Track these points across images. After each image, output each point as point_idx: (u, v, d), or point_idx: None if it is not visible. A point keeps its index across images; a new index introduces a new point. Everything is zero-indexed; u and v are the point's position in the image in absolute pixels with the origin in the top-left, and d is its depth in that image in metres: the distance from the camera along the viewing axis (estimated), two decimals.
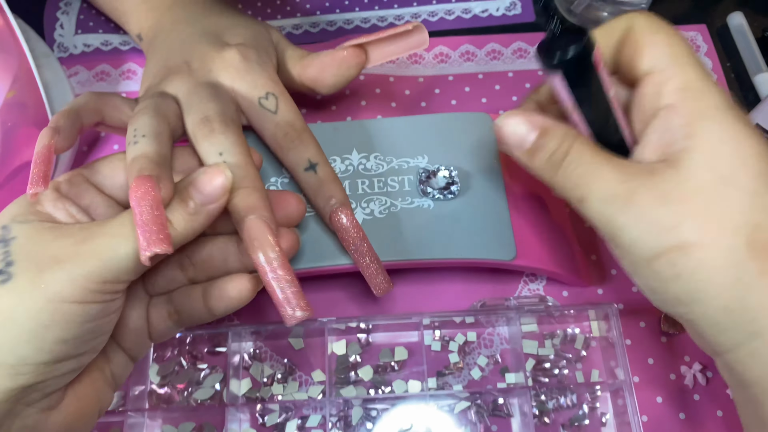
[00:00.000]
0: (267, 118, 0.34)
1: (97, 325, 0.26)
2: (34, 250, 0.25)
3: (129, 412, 0.36)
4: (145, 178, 0.26)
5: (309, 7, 0.52)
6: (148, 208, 0.25)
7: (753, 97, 0.48)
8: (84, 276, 0.24)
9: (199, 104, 0.32)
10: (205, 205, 0.28)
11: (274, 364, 0.39)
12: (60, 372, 0.25)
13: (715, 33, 0.50)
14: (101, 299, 0.25)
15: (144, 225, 0.25)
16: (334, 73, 0.37)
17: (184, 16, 0.38)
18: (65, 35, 0.50)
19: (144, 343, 0.31)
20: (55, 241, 0.25)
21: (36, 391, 0.25)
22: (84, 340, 0.26)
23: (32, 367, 0.24)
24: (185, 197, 0.27)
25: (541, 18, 0.29)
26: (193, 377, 0.38)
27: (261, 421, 0.37)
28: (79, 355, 0.26)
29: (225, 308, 0.30)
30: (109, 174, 0.30)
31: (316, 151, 0.34)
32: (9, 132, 0.38)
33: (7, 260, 0.25)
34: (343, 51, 0.37)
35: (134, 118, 0.30)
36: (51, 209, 0.28)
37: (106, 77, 0.48)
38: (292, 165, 0.34)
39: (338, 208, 0.33)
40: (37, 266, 0.24)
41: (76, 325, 0.25)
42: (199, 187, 0.28)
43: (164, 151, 0.29)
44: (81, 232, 0.26)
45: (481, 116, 0.39)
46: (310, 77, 0.38)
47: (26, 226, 0.26)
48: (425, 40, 0.37)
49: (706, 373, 0.39)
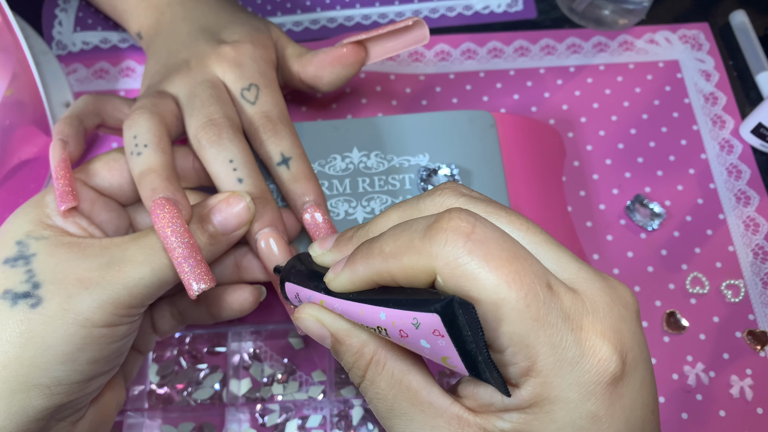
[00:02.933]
0: (245, 108, 0.33)
1: (123, 343, 0.27)
2: (58, 270, 0.25)
3: (128, 412, 0.36)
4: (166, 202, 0.27)
5: (309, 4, 0.51)
6: (179, 240, 0.26)
7: (755, 95, 0.48)
8: (112, 303, 0.25)
9: (201, 106, 0.32)
10: (226, 235, 0.28)
11: (274, 364, 0.39)
12: (91, 389, 0.26)
13: (717, 31, 0.50)
14: (127, 321, 0.26)
15: (184, 261, 0.26)
16: (333, 70, 0.37)
17: (183, 14, 0.38)
18: (64, 33, 0.50)
19: (151, 339, 0.32)
20: (78, 261, 0.26)
21: (68, 408, 0.26)
22: (112, 357, 0.26)
23: (66, 387, 0.25)
24: (206, 225, 0.28)
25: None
26: (193, 377, 0.38)
27: (261, 421, 0.37)
28: (108, 371, 0.27)
29: (227, 316, 0.30)
30: (107, 176, 0.30)
31: (290, 145, 0.32)
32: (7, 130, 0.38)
33: (33, 281, 0.25)
34: (342, 48, 0.36)
35: (131, 120, 0.30)
36: (61, 223, 0.28)
37: (104, 75, 0.48)
38: (265, 158, 0.33)
39: (309, 207, 0.31)
40: (65, 290, 0.25)
41: (105, 346, 0.26)
42: (221, 217, 0.28)
43: (169, 161, 0.29)
44: (103, 254, 0.26)
45: (482, 114, 0.39)
46: (309, 75, 0.38)
47: (44, 243, 0.26)
48: (426, 36, 0.36)
49: (709, 373, 0.39)
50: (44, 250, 0.26)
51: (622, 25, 0.49)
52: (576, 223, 0.43)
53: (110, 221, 0.30)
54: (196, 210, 0.28)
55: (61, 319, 0.24)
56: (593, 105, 0.47)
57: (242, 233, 0.28)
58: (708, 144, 0.46)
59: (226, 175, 0.30)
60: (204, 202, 0.29)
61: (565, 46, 0.49)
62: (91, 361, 0.25)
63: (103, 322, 0.25)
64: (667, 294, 0.41)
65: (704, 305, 0.41)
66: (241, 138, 0.31)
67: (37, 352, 0.24)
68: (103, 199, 0.30)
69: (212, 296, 0.30)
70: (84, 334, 0.25)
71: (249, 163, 0.30)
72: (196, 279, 0.25)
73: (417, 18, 0.35)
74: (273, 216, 0.29)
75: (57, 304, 0.25)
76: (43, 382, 0.24)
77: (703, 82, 0.48)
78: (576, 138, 0.46)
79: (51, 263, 0.25)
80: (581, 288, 0.20)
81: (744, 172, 0.45)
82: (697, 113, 0.47)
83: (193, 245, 0.26)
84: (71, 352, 0.25)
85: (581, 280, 0.20)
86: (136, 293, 0.26)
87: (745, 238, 0.42)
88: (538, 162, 0.41)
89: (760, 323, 0.40)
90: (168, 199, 0.27)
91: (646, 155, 0.45)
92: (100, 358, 0.26)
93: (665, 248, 0.42)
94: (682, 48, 0.49)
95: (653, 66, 0.48)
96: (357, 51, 0.36)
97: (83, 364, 0.25)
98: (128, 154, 0.29)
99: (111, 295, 0.25)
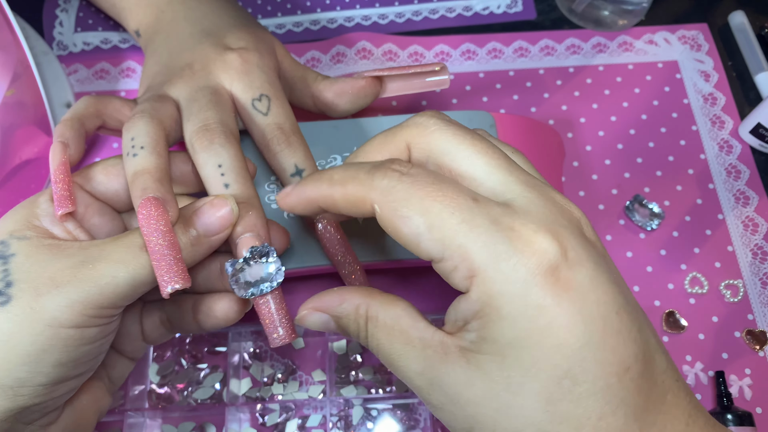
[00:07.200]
0: (257, 120, 0.34)
1: (94, 347, 0.26)
2: (33, 270, 0.25)
3: (129, 411, 0.36)
4: (153, 201, 0.26)
5: (310, 4, 0.52)
6: (161, 239, 0.25)
7: (755, 95, 0.48)
8: (81, 302, 0.24)
9: (199, 111, 0.32)
10: (208, 237, 0.28)
11: (274, 364, 0.39)
12: (59, 393, 0.26)
13: (716, 32, 0.50)
14: (98, 323, 0.25)
15: (162, 258, 0.25)
16: (350, 99, 0.38)
17: (185, 14, 0.38)
18: (64, 33, 0.50)
19: (140, 345, 0.31)
20: (54, 261, 0.25)
21: (35, 411, 0.25)
22: (82, 361, 0.26)
23: (31, 389, 0.24)
24: (188, 226, 0.27)
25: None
26: (193, 377, 0.38)
27: (261, 420, 0.37)
28: (77, 375, 0.26)
29: (212, 326, 0.30)
30: (104, 180, 0.30)
31: (303, 157, 0.33)
32: (8, 131, 0.38)
33: (7, 280, 0.25)
34: (361, 80, 0.37)
35: (130, 123, 0.30)
36: (48, 224, 0.27)
37: (105, 75, 0.48)
38: (279, 169, 0.33)
39: (320, 218, 0.32)
40: (35, 289, 0.24)
41: (73, 349, 0.25)
42: (204, 219, 0.28)
43: (164, 164, 0.29)
44: (80, 254, 0.25)
45: (482, 114, 0.39)
46: (326, 101, 0.38)
47: (25, 243, 0.26)
48: (446, 82, 0.37)
49: (708, 373, 0.39)
50: (24, 251, 0.25)
51: (622, 25, 0.49)
52: None
53: (102, 226, 0.30)
54: (181, 212, 0.28)
55: (28, 317, 0.24)
56: (592, 105, 0.47)
57: (224, 237, 0.28)
58: (707, 144, 0.46)
59: (214, 179, 0.30)
60: (189, 205, 0.28)
61: (565, 47, 0.49)
62: (57, 364, 0.24)
63: (71, 322, 0.24)
64: (666, 294, 0.41)
65: (703, 305, 0.41)
66: (233, 144, 0.31)
67: (1, 352, 0.24)
68: (98, 203, 0.30)
69: (197, 303, 0.30)
70: (50, 334, 0.24)
71: (237, 168, 0.30)
72: (170, 278, 0.25)
73: (442, 64, 0.36)
74: (256, 221, 0.29)
75: (25, 303, 0.24)
76: (6, 382, 0.24)
77: (702, 83, 0.48)
78: (575, 138, 0.46)
79: (27, 263, 0.25)
80: (518, 203, 0.22)
81: (743, 172, 0.45)
82: (696, 113, 0.47)
83: (174, 244, 0.25)
84: (36, 353, 0.24)
85: (522, 198, 0.22)
86: (107, 292, 0.25)
87: (744, 238, 0.43)
88: (537, 162, 0.41)
89: (759, 323, 0.40)
90: (156, 198, 0.26)
91: (645, 155, 0.45)
92: (67, 360, 0.25)
93: (664, 248, 0.42)
94: (681, 48, 0.49)
95: (652, 66, 0.48)
96: (375, 84, 0.38)
97: (48, 366, 0.24)
98: (125, 156, 0.29)
99: (81, 294, 0.24)
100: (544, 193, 0.22)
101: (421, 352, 0.22)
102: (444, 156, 0.23)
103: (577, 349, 0.20)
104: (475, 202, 0.21)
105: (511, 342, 0.20)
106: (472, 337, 0.21)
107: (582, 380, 0.20)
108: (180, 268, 0.25)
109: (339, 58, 0.49)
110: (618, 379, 0.20)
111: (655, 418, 0.20)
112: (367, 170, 0.23)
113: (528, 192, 0.22)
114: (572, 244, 0.21)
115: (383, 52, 0.49)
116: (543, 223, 0.21)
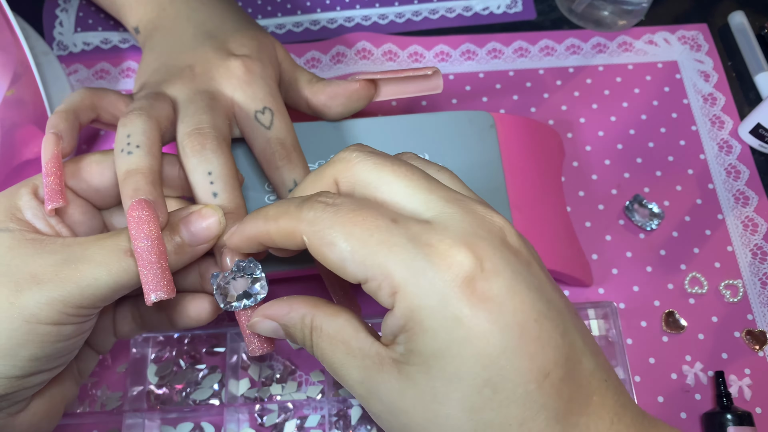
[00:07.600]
0: (259, 132, 0.34)
1: (70, 343, 0.26)
2: (14, 264, 0.25)
3: (127, 412, 0.36)
4: (145, 204, 0.26)
5: (310, 4, 0.52)
6: (150, 245, 0.25)
7: (754, 96, 0.48)
8: (61, 300, 0.24)
9: (194, 114, 0.32)
10: (192, 246, 0.28)
11: (273, 364, 0.39)
12: (31, 385, 0.26)
13: (716, 32, 0.50)
14: (76, 321, 0.25)
15: (148, 265, 0.25)
16: (343, 103, 0.37)
17: (187, 14, 0.38)
18: (64, 33, 0.50)
19: (110, 340, 0.31)
20: (36, 257, 0.25)
21: (4, 401, 0.25)
22: (56, 356, 0.26)
23: (3, 381, 0.24)
24: (174, 234, 0.27)
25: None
26: (192, 377, 0.38)
27: (260, 421, 0.37)
28: (51, 369, 0.26)
29: (184, 325, 0.30)
30: (87, 177, 0.30)
31: (303, 173, 0.34)
32: (9, 131, 0.38)
33: None
34: (355, 83, 0.37)
35: (127, 119, 0.30)
36: (30, 217, 0.27)
37: (105, 75, 0.48)
38: (278, 184, 0.34)
39: None
40: (16, 284, 0.24)
41: (49, 344, 0.25)
42: (191, 228, 0.28)
43: (157, 166, 0.29)
44: (63, 251, 0.25)
45: (482, 115, 0.39)
46: (319, 103, 0.38)
47: (7, 236, 0.26)
48: (440, 86, 0.37)
49: (708, 373, 0.39)
50: (5, 243, 0.25)
51: (621, 26, 0.49)
52: (575, 223, 0.43)
53: (83, 223, 0.30)
54: (169, 218, 0.28)
55: (6, 312, 0.24)
56: (592, 105, 0.47)
57: (209, 247, 0.28)
58: (707, 144, 0.46)
59: (203, 186, 0.30)
60: (176, 212, 0.28)
61: (565, 47, 0.49)
62: (32, 358, 0.25)
63: (50, 319, 0.24)
64: (665, 294, 0.41)
65: (703, 305, 0.41)
66: (225, 150, 0.31)
67: None
68: (79, 200, 0.30)
69: (171, 302, 0.30)
70: (27, 330, 0.24)
71: (227, 177, 0.30)
72: (156, 287, 0.25)
73: (435, 68, 0.36)
74: None
75: (4, 297, 0.24)
76: None
77: (701, 83, 0.48)
78: (575, 138, 0.46)
79: (8, 256, 0.25)
80: (438, 220, 0.22)
81: (743, 172, 0.45)
82: (695, 114, 0.47)
83: (162, 252, 0.25)
84: (11, 347, 0.24)
85: (442, 214, 0.23)
86: (88, 294, 0.25)
87: (743, 239, 0.42)
88: (537, 162, 0.41)
89: (758, 323, 0.40)
90: (148, 201, 0.26)
91: (645, 155, 0.45)
92: (42, 355, 0.25)
93: (664, 248, 0.42)
94: (681, 49, 0.49)
95: (652, 67, 0.48)
96: (368, 87, 0.37)
97: (23, 360, 0.24)
98: (117, 152, 0.29)
99: (62, 293, 0.24)
100: (464, 206, 0.23)
101: (360, 362, 0.23)
102: (367, 186, 0.24)
103: (495, 358, 0.20)
104: (394, 223, 0.22)
105: (434, 353, 0.21)
106: (401, 349, 0.22)
107: (501, 388, 0.20)
108: (166, 277, 0.25)
109: (339, 58, 0.49)
110: (537, 385, 0.20)
111: (578, 419, 0.21)
112: (296, 204, 0.24)
113: (448, 208, 0.23)
114: (489, 255, 0.21)
115: (383, 52, 0.49)
116: (460, 237, 0.22)
